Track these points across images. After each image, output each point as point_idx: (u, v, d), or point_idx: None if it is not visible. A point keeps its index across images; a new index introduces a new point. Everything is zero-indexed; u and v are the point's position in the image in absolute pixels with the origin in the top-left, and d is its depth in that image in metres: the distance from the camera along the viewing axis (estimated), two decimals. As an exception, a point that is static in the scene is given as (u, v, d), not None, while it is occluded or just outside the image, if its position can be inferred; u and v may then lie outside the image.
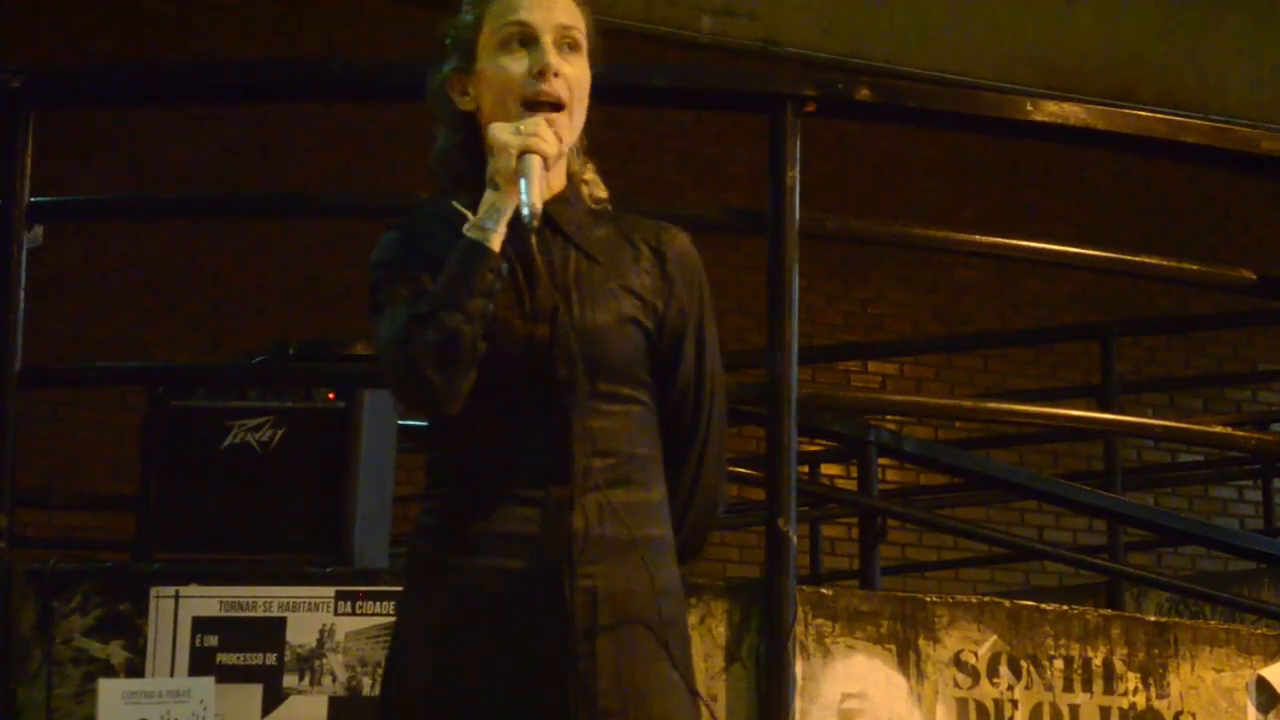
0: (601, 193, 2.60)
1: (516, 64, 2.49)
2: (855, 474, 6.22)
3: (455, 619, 2.43)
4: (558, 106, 2.48)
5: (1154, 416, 9.25)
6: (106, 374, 6.11)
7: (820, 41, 10.14)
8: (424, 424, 2.63)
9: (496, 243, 2.38)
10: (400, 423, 4.59)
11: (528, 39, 2.49)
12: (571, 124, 2.50)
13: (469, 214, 2.41)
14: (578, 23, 2.53)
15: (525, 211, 2.34)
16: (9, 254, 4.06)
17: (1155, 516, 6.13)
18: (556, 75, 2.48)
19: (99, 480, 8.12)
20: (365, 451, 4.19)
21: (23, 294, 4.05)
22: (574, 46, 2.52)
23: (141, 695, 3.74)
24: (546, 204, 2.46)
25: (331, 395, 4.17)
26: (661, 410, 2.57)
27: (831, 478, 9.11)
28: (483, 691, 2.40)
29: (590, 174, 2.61)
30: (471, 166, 2.53)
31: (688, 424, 2.60)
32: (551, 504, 2.43)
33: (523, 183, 2.36)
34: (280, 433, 4.10)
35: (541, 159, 2.39)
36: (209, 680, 3.74)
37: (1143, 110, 5.60)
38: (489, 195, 2.40)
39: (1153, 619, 4.29)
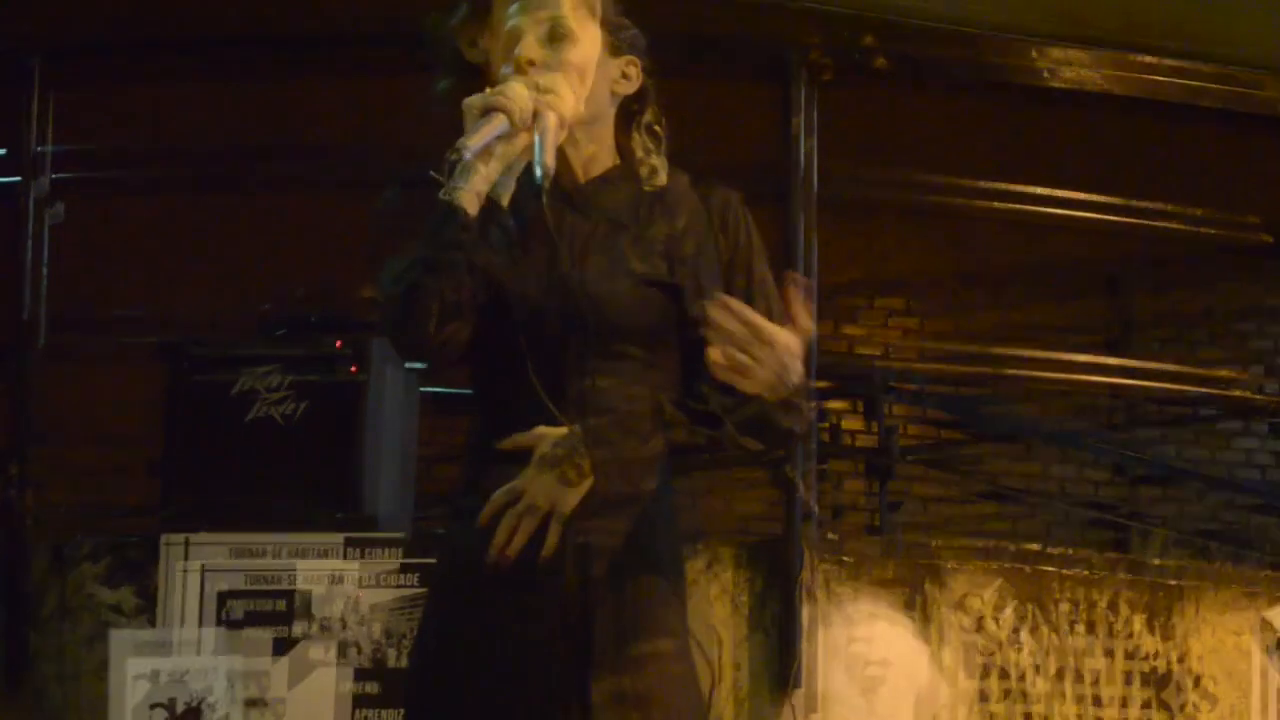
0: (660, 180, 2.61)
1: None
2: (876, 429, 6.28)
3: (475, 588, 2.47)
4: None
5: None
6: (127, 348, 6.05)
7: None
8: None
9: (465, 199, 2.39)
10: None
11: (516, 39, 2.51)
12: (572, 100, 2.49)
13: (439, 178, 2.42)
14: (566, 10, 2.53)
15: (538, 172, 2.36)
16: (30, 230, 4.12)
17: (1167, 462, 6.15)
18: (532, 64, 2.48)
19: (121, 448, 8.14)
20: (385, 418, 4.21)
21: (45, 270, 4.11)
22: (561, 36, 2.51)
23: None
24: (587, 183, 2.53)
25: (339, 344, 4.18)
26: None
27: (854, 433, 9.11)
28: (494, 654, 2.44)
29: (655, 159, 2.63)
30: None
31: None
32: None
33: (537, 140, 2.38)
34: (302, 406, 4.13)
35: (558, 119, 2.41)
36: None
37: (1149, 58, 5.57)
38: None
39: (1157, 562, 4.38)
